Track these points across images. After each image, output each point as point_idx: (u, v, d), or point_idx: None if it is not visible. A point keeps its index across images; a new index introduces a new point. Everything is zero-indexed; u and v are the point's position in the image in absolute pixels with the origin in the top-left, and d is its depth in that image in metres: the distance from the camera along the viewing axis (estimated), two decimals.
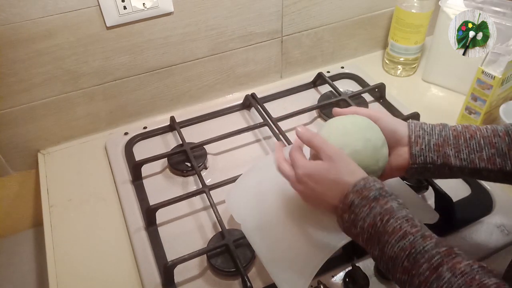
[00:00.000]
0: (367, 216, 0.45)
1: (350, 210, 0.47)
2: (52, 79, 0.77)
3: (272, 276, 0.55)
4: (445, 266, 0.39)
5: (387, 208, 0.45)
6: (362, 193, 0.46)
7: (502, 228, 0.67)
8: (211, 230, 0.69)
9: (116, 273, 0.65)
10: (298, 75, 1.02)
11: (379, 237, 0.44)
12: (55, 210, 0.74)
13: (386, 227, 0.44)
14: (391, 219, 0.44)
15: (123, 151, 0.83)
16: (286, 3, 0.87)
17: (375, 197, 0.46)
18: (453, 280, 0.38)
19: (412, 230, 0.43)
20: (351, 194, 0.47)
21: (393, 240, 0.43)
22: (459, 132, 0.53)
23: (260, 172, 0.67)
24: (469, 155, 0.52)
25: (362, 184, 0.47)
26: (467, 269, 0.39)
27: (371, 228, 0.45)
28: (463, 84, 0.86)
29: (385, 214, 0.44)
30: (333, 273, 0.61)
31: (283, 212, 0.61)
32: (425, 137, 0.53)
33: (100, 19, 0.74)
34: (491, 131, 0.52)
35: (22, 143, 0.83)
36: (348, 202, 0.47)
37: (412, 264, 0.41)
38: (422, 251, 0.41)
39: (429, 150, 0.53)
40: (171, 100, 0.91)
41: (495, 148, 0.51)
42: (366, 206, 0.46)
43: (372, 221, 0.45)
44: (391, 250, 0.43)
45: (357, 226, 0.46)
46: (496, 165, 0.51)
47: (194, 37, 0.84)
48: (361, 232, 0.46)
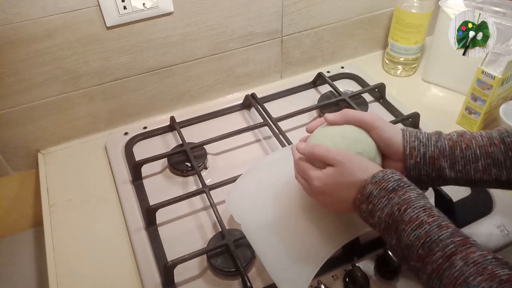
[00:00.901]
0: (385, 207, 0.46)
1: (368, 200, 0.47)
2: (52, 79, 0.77)
3: (272, 276, 0.55)
4: (459, 255, 0.40)
5: (405, 198, 0.45)
6: (380, 184, 0.47)
7: (502, 228, 0.67)
8: (211, 230, 0.69)
9: (116, 273, 0.65)
10: (298, 75, 1.02)
11: (396, 226, 0.45)
12: (55, 210, 0.74)
13: (403, 217, 0.44)
14: (408, 208, 0.44)
15: (123, 151, 0.83)
16: (286, 3, 0.87)
17: (394, 188, 0.46)
18: (465, 268, 0.38)
19: (429, 219, 0.43)
20: (369, 185, 0.47)
21: (409, 229, 0.43)
22: (455, 141, 0.52)
23: (260, 172, 0.67)
24: (464, 167, 0.51)
25: (381, 175, 0.47)
26: (480, 259, 0.39)
27: (388, 217, 0.45)
28: (463, 84, 0.86)
29: (403, 204, 0.45)
30: (333, 273, 0.61)
31: (283, 212, 0.61)
32: (420, 149, 0.52)
33: (100, 19, 0.74)
34: (487, 139, 0.52)
35: (22, 143, 0.83)
36: (366, 193, 0.47)
37: (427, 252, 0.42)
38: (437, 240, 0.41)
39: (424, 164, 0.52)
40: (171, 100, 0.91)
41: (491, 158, 0.51)
42: (385, 197, 0.46)
43: (390, 211, 0.45)
44: (407, 238, 0.43)
45: (375, 216, 0.47)
46: (492, 176, 0.51)
47: (194, 37, 0.84)
48: (378, 222, 0.47)
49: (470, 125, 0.84)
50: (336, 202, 0.52)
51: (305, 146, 0.54)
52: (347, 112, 0.55)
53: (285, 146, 0.76)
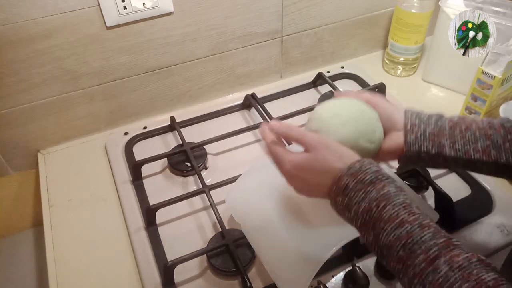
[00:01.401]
0: (362, 201, 0.43)
1: (344, 193, 0.45)
2: (52, 79, 0.77)
3: (272, 276, 0.55)
4: (443, 259, 0.38)
5: (384, 193, 0.43)
6: (357, 176, 0.44)
7: (502, 228, 0.67)
8: (211, 230, 0.69)
9: (116, 273, 0.65)
10: (298, 75, 1.02)
11: (374, 223, 0.42)
12: (55, 210, 0.74)
13: (382, 214, 0.42)
14: (387, 205, 0.42)
15: (123, 151, 0.83)
16: (286, 3, 0.87)
17: (371, 181, 0.44)
18: (450, 274, 0.37)
19: (410, 218, 0.41)
20: (345, 177, 0.45)
21: (389, 228, 0.41)
22: (455, 123, 0.53)
23: (260, 172, 0.67)
24: (464, 146, 0.51)
25: (358, 166, 0.45)
26: (465, 263, 0.37)
27: (366, 213, 0.43)
28: (463, 84, 0.86)
29: (382, 199, 0.43)
30: (333, 273, 0.61)
31: (283, 212, 0.61)
32: (421, 126, 0.53)
33: (100, 19, 0.74)
34: (487, 123, 0.52)
35: (22, 143, 0.83)
36: (342, 185, 0.45)
37: (408, 254, 0.40)
38: (419, 241, 0.39)
39: (424, 139, 0.52)
40: (171, 100, 0.91)
41: (490, 140, 0.51)
42: (362, 190, 0.44)
43: (367, 206, 0.43)
44: (386, 238, 0.41)
45: (351, 210, 0.44)
46: (491, 157, 0.51)
47: (194, 37, 0.84)
48: (355, 217, 0.44)
49: None
50: (308, 187, 0.50)
51: (280, 125, 0.51)
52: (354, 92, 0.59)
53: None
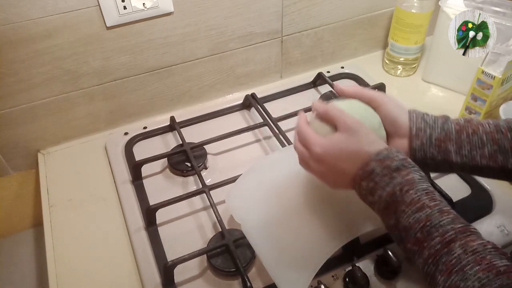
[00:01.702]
0: (387, 185, 0.45)
1: (370, 178, 0.46)
2: (52, 79, 0.77)
3: (272, 276, 0.55)
4: (458, 243, 0.39)
5: (408, 179, 0.44)
6: (384, 162, 0.45)
7: (502, 228, 0.67)
8: (211, 230, 0.69)
9: (116, 273, 0.65)
10: (298, 75, 1.02)
11: (396, 206, 0.44)
12: (55, 210, 0.74)
13: (404, 197, 0.43)
14: (410, 190, 0.43)
15: (123, 151, 0.83)
16: (286, 3, 0.87)
17: (397, 168, 0.45)
18: (463, 256, 0.38)
19: (431, 203, 0.42)
20: (373, 162, 0.46)
21: (409, 211, 0.42)
22: (462, 126, 0.52)
23: (260, 172, 0.67)
24: (470, 152, 0.51)
25: (385, 153, 0.46)
26: (479, 248, 0.38)
27: (389, 197, 0.44)
28: (463, 84, 0.86)
29: (405, 184, 0.44)
30: (333, 273, 0.61)
31: (283, 212, 0.61)
32: (426, 131, 0.52)
33: (100, 19, 0.74)
34: (494, 126, 0.51)
35: (22, 143, 0.83)
36: (369, 169, 0.46)
37: (425, 236, 0.41)
38: (437, 225, 0.41)
39: (430, 145, 0.51)
40: (171, 100, 0.91)
41: (497, 145, 0.50)
42: (387, 175, 0.45)
43: (391, 190, 0.44)
44: (406, 220, 0.42)
45: (374, 194, 0.46)
46: (498, 163, 0.50)
47: (194, 37, 0.84)
48: (378, 201, 0.45)
49: None
50: (334, 174, 0.50)
51: (321, 103, 0.52)
52: (357, 87, 0.56)
53: (285, 146, 0.76)
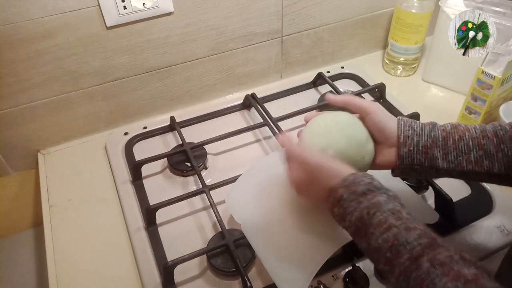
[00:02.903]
0: (355, 210, 0.46)
1: (339, 204, 0.48)
2: (52, 79, 0.77)
3: (272, 276, 0.55)
4: (425, 257, 0.40)
5: (374, 202, 0.46)
6: (350, 188, 0.47)
7: (502, 228, 0.67)
8: (211, 230, 0.69)
9: (116, 273, 0.65)
10: (298, 75, 1.02)
11: (365, 230, 0.45)
12: (55, 210, 0.74)
13: (372, 220, 0.45)
14: (377, 212, 0.45)
15: (123, 151, 0.83)
16: (286, 3, 0.87)
17: (363, 192, 0.47)
18: (432, 270, 0.39)
19: (397, 222, 0.43)
20: (340, 189, 0.48)
21: (377, 232, 0.44)
22: (448, 132, 0.53)
23: (260, 172, 0.67)
24: (456, 157, 0.52)
25: (352, 179, 0.48)
26: (446, 260, 0.39)
27: (358, 221, 0.46)
28: (463, 84, 0.86)
29: (372, 207, 0.45)
30: (333, 273, 0.61)
31: (283, 212, 0.61)
32: (414, 138, 0.53)
33: (100, 19, 0.74)
34: (480, 131, 0.52)
35: (22, 143, 0.83)
36: (337, 196, 0.48)
37: (394, 255, 0.42)
38: (404, 242, 0.42)
39: (417, 152, 0.53)
40: (171, 100, 0.91)
41: (483, 150, 0.51)
42: (354, 200, 0.46)
43: (359, 214, 0.46)
44: (375, 241, 0.44)
45: (345, 220, 0.47)
46: (484, 168, 0.51)
47: (194, 37, 0.84)
48: (349, 226, 0.47)
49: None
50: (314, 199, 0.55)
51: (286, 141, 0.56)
52: (347, 96, 0.58)
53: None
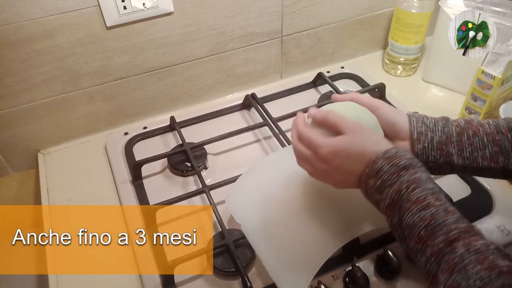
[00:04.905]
0: (394, 183, 0.45)
1: (377, 175, 0.46)
2: (52, 79, 0.77)
3: (272, 276, 0.55)
4: (461, 242, 0.39)
5: (416, 178, 0.44)
6: (392, 160, 0.45)
7: (502, 228, 0.67)
8: (211, 230, 0.69)
9: (116, 273, 0.65)
10: (298, 75, 1.02)
11: (401, 203, 0.44)
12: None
13: (410, 195, 0.43)
14: (417, 188, 0.43)
15: (123, 151, 0.83)
16: (286, 3, 0.87)
17: (405, 166, 0.45)
18: (466, 255, 0.38)
19: (436, 203, 0.42)
20: (381, 160, 0.46)
21: (414, 209, 0.42)
22: (462, 128, 0.52)
23: (260, 172, 0.67)
24: (472, 154, 0.51)
25: (394, 152, 0.46)
26: (482, 247, 0.38)
27: (395, 194, 0.44)
28: (463, 84, 0.86)
29: (412, 182, 0.44)
30: (333, 273, 0.61)
31: (283, 212, 0.61)
32: (427, 134, 0.51)
33: (100, 19, 0.74)
34: (494, 127, 0.51)
35: (22, 143, 0.83)
36: (376, 167, 0.46)
37: (429, 235, 0.41)
38: (442, 224, 0.41)
39: (431, 149, 0.51)
40: (171, 100, 0.91)
41: (498, 146, 0.50)
42: (395, 173, 0.45)
43: (398, 188, 0.44)
44: (411, 218, 0.42)
45: (382, 192, 0.46)
46: (499, 163, 0.50)
47: (194, 37, 0.84)
48: (384, 198, 0.45)
49: None
50: (340, 174, 0.50)
51: (318, 111, 0.51)
52: (354, 93, 0.56)
53: (285, 146, 0.76)
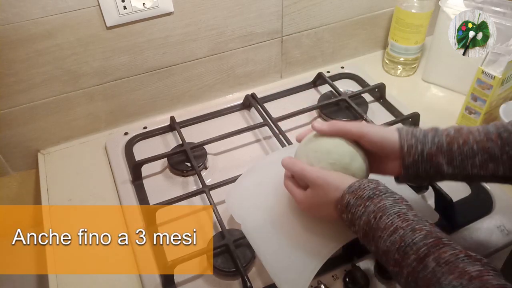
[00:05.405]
0: (362, 215, 0.48)
1: (347, 210, 0.49)
2: (52, 79, 0.77)
3: (272, 276, 0.55)
4: (431, 257, 0.41)
5: (380, 206, 0.47)
6: (357, 193, 0.49)
7: (502, 228, 0.67)
8: (211, 230, 0.69)
9: (116, 273, 0.65)
10: (298, 75, 1.02)
11: (373, 233, 0.46)
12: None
13: (379, 224, 0.46)
14: (383, 216, 0.46)
15: (123, 151, 0.83)
16: (286, 3, 0.87)
17: (369, 197, 0.48)
18: (437, 269, 0.40)
19: (403, 224, 0.44)
20: (347, 195, 0.49)
21: (385, 235, 0.45)
22: (452, 137, 0.52)
23: (260, 172, 0.67)
24: (462, 162, 0.51)
25: (357, 185, 0.50)
26: (451, 258, 0.40)
27: (366, 225, 0.47)
28: (463, 84, 0.86)
29: (378, 211, 0.46)
30: (333, 273, 0.61)
31: (283, 212, 0.61)
32: (417, 146, 0.52)
33: (100, 19, 0.74)
34: (484, 134, 0.51)
35: (22, 143, 0.83)
36: (344, 203, 0.49)
37: (402, 256, 0.43)
38: (411, 243, 0.43)
39: (422, 161, 0.52)
40: (171, 100, 0.91)
41: (488, 153, 0.50)
42: (361, 205, 0.48)
43: (366, 219, 0.47)
44: (383, 244, 0.45)
45: (355, 224, 0.49)
46: (489, 171, 0.51)
47: (194, 37, 0.84)
48: (358, 230, 0.48)
49: (470, 125, 0.84)
50: (325, 217, 0.56)
51: (288, 162, 0.57)
52: (334, 123, 0.56)
53: (285, 146, 0.76)
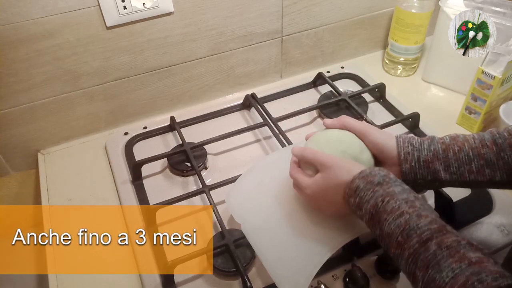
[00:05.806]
0: (370, 199, 0.48)
1: (355, 194, 0.50)
2: (52, 79, 0.77)
3: (272, 276, 0.55)
4: (434, 241, 0.42)
5: (389, 191, 0.48)
6: (367, 179, 0.49)
7: (502, 228, 0.67)
8: (211, 230, 0.69)
9: (116, 273, 0.65)
10: (298, 75, 1.02)
11: (379, 216, 0.47)
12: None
13: (386, 207, 0.47)
14: (391, 200, 0.47)
15: (123, 151, 0.83)
16: (286, 3, 0.87)
17: (379, 182, 0.49)
18: (438, 252, 0.41)
19: (410, 210, 0.45)
20: (357, 180, 0.50)
21: (390, 218, 0.46)
22: (448, 145, 0.54)
23: (260, 172, 0.67)
24: (458, 169, 0.53)
25: (368, 171, 0.50)
26: (453, 243, 0.41)
27: (372, 208, 0.48)
28: (463, 84, 0.86)
29: (386, 196, 0.47)
30: (333, 273, 0.61)
31: (283, 212, 0.61)
32: (414, 153, 0.54)
33: (100, 19, 0.74)
34: (479, 141, 0.53)
35: (22, 143, 0.83)
36: (353, 187, 0.50)
37: (405, 239, 0.44)
38: (415, 227, 0.44)
39: (419, 167, 0.54)
40: (171, 100, 0.91)
41: (484, 159, 0.52)
42: (371, 190, 0.49)
43: (374, 202, 0.48)
44: (388, 227, 0.46)
45: (362, 208, 0.49)
46: (486, 176, 0.52)
47: (194, 37, 0.84)
48: (365, 214, 0.49)
49: (470, 125, 0.84)
50: (329, 205, 0.55)
51: (298, 149, 0.58)
52: (344, 118, 0.60)
53: (285, 146, 0.76)
